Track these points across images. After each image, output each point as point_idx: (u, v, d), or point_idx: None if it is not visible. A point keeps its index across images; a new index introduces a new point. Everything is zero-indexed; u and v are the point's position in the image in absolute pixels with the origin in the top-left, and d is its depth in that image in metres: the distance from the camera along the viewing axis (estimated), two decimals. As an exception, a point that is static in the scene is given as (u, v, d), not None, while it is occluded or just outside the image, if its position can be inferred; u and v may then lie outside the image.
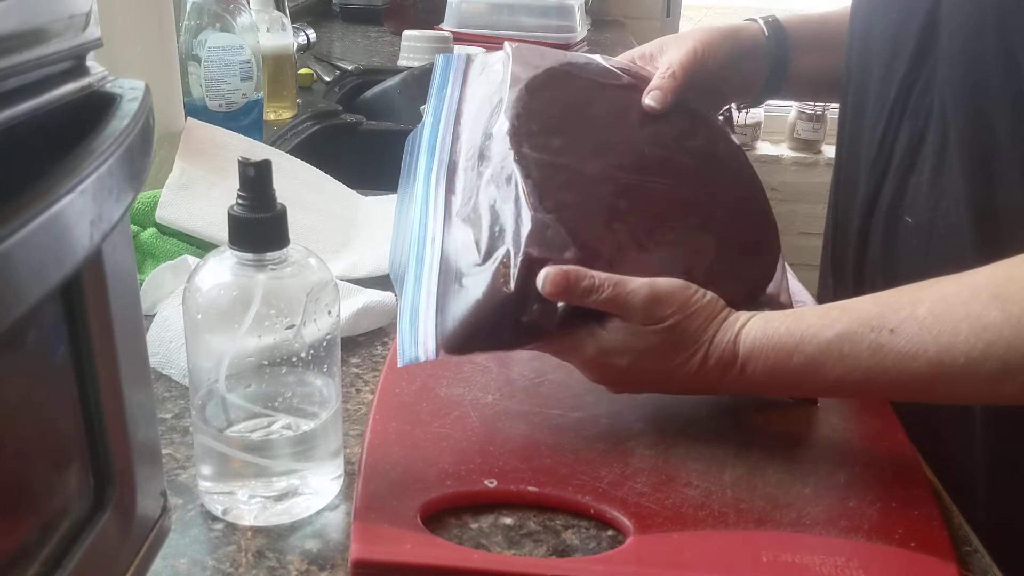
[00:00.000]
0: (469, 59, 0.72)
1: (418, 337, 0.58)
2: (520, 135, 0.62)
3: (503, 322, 0.57)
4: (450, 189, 0.65)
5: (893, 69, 0.68)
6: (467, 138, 0.67)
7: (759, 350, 0.55)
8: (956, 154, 0.62)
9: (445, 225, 0.63)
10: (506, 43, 0.70)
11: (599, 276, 0.56)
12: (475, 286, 0.58)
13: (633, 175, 0.65)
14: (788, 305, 0.68)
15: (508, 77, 0.66)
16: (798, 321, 0.55)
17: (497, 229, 0.60)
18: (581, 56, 0.72)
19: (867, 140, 0.71)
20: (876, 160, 0.70)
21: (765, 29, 0.79)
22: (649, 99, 0.69)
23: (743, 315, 0.57)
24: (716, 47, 0.75)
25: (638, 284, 0.56)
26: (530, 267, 0.56)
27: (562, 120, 0.65)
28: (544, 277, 0.56)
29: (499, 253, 0.58)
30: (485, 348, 0.59)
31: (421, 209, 0.65)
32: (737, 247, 0.65)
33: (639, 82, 0.71)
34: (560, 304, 0.57)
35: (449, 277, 0.60)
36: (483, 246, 0.60)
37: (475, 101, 0.69)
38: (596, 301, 0.56)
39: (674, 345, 0.56)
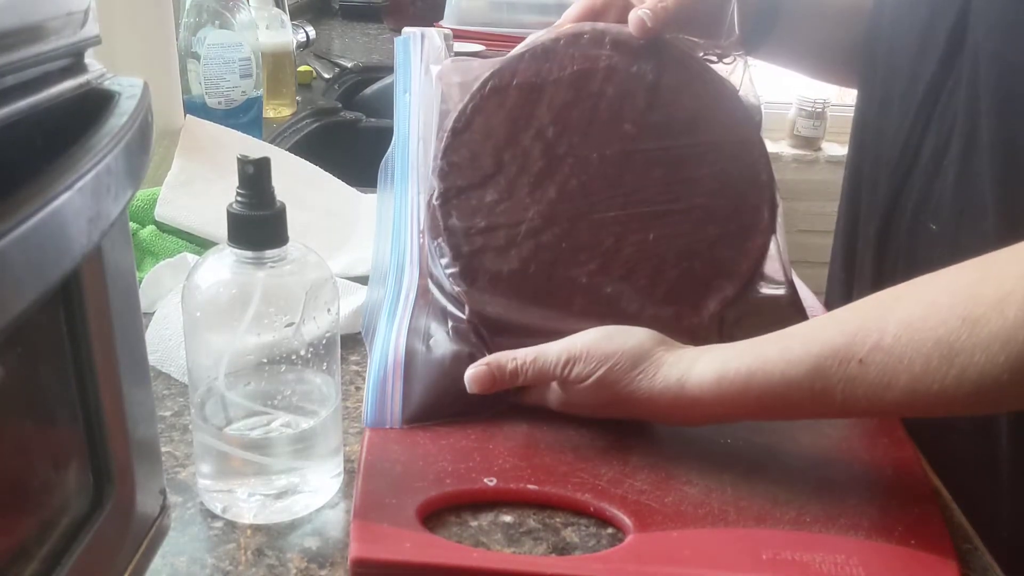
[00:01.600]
0: (424, 38, 0.71)
1: (386, 403, 0.60)
2: (448, 201, 0.62)
3: (463, 395, 0.59)
4: (422, 231, 0.66)
5: (921, 69, 0.67)
6: (424, 171, 0.66)
7: (721, 394, 0.53)
8: (986, 160, 0.61)
9: (419, 281, 0.65)
10: (431, 66, 0.68)
11: (520, 356, 0.58)
12: (441, 360, 0.61)
13: (583, 201, 0.62)
14: (790, 283, 0.67)
15: (436, 114, 0.65)
16: (761, 360, 0.53)
17: (450, 304, 0.63)
18: (517, 51, 0.65)
19: (891, 139, 0.70)
20: (900, 162, 0.69)
21: None
22: (635, 20, 0.64)
23: (687, 354, 0.55)
24: None
25: (556, 351, 0.57)
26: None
27: (496, 156, 0.62)
28: (469, 380, 0.58)
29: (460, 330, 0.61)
30: (448, 416, 0.60)
31: (397, 252, 0.66)
32: (714, 242, 0.63)
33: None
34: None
35: (417, 337, 0.62)
36: (448, 316, 0.62)
37: (430, 112, 0.67)
38: (526, 381, 0.58)
39: (611, 396, 0.56)
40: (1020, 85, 0.59)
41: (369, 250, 0.86)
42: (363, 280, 0.79)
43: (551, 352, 0.57)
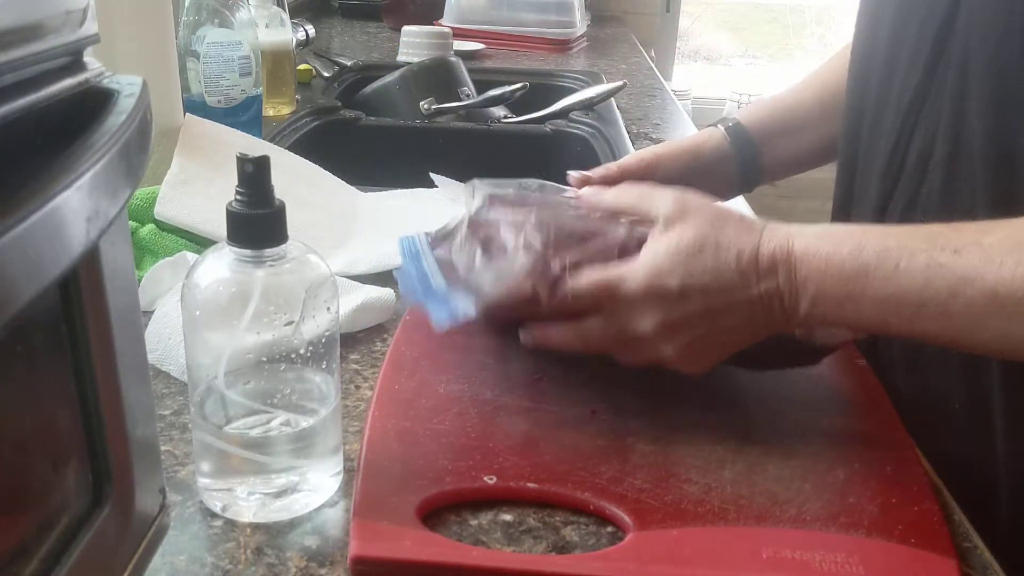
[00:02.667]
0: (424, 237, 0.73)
1: (452, 303, 0.58)
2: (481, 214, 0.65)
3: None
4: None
5: (909, 76, 0.67)
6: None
7: (814, 249, 0.54)
8: (977, 164, 0.61)
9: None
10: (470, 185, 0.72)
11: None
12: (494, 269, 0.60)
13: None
14: None
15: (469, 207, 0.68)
16: (864, 229, 0.54)
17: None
18: (535, 183, 0.74)
19: (882, 147, 0.70)
20: (887, 169, 0.69)
21: (727, 136, 0.84)
22: (574, 178, 0.74)
23: (796, 224, 0.57)
24: (672, 158, 0.81)
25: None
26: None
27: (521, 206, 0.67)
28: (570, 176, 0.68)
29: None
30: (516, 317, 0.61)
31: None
32: None
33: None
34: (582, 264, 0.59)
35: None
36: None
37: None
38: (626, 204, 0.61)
39: (718, 239, 0.55)
40: (1011, 91, 0.58)
41: (368, 248, 0.86)
42: (363, 279, 0.79)
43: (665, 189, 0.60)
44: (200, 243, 0.80)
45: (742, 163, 0.84)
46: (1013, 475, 0.63)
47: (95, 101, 0.35)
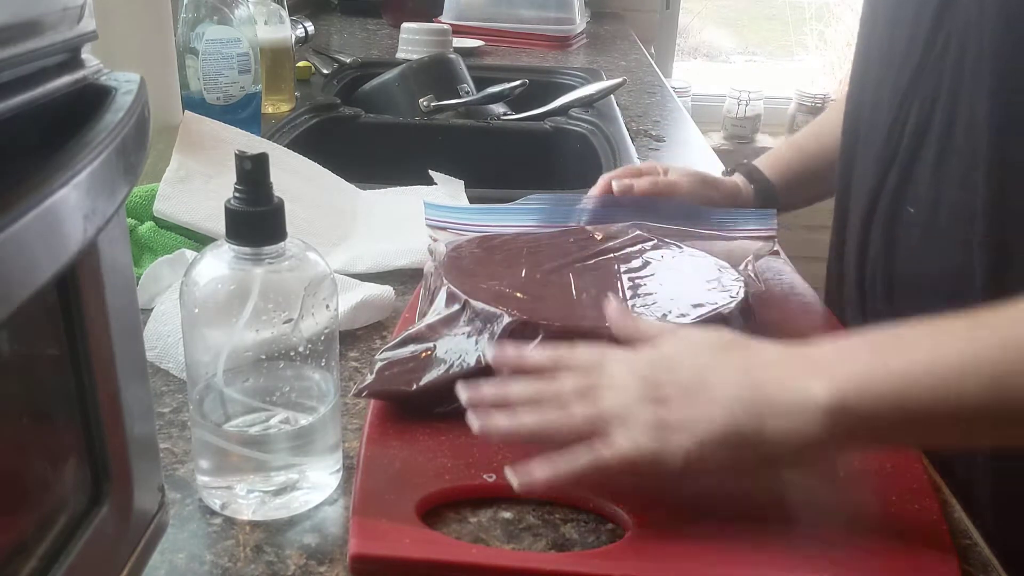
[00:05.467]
0: None
1: None
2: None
3: None
4: None
5: (907, 60, 0.68)
6: None
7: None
8: (963, 139, 0.62)
9: None
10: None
11: None
12: None
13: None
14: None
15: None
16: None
17: None
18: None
19: (879, 131, 0.71)
20: (884, 149, 0.70)
21: (748, 182, 0.90)
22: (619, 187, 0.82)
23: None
24: (691, 182, 0.85)
25: None
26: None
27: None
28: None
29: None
30: None
31: None
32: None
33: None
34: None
35: None
36: None
37: None
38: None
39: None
40: (1011, 67, 0.59)
41: (368, 246, 0.86)
42: (362, 276, 0.79)
43: None
44: (199, 240, 0.80)
45: (761, 201, 0.89)
46: (1017, 470, 0.63)
47: (92, 98, 0.35)
